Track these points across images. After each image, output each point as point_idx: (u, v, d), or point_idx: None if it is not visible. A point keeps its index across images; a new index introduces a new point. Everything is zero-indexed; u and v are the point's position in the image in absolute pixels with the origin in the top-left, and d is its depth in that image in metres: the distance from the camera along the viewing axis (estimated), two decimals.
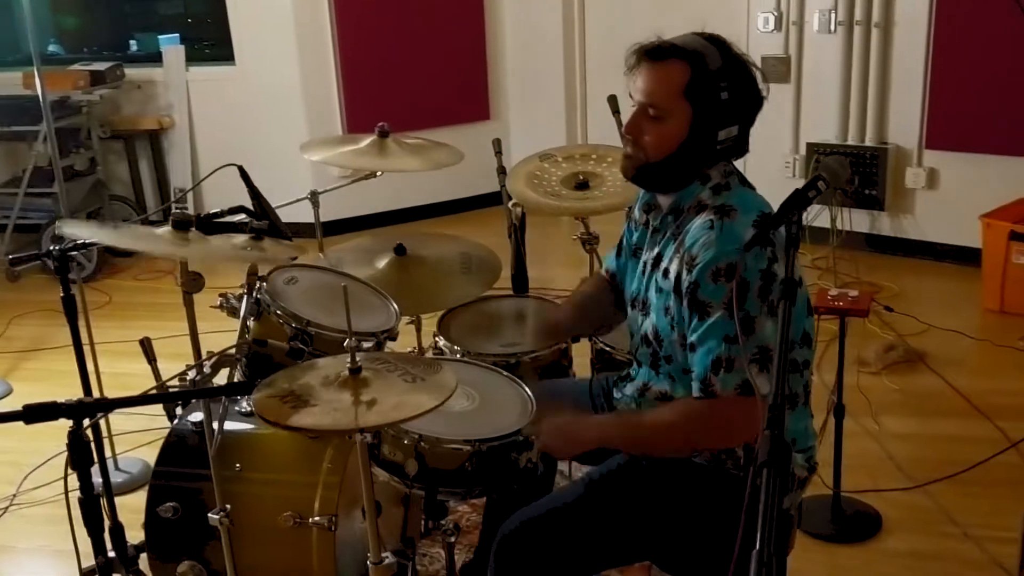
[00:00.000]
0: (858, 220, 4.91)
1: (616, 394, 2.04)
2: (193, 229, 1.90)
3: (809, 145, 4.96)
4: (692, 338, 1.70)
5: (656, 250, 1.84)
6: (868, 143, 4.84)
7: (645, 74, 1.75)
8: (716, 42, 1.75)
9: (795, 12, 4.91)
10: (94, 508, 1.66)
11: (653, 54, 1.74)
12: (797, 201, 1.54)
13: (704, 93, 1.71)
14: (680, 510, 1.79)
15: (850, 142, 4.88)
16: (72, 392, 1.84)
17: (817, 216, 4.89)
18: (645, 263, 1.88)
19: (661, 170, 1.79)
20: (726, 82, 1.71)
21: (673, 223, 1.81)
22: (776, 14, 4.96)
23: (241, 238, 2.03)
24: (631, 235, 2.02)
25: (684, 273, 1.70)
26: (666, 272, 1.77)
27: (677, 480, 1.80)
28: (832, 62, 4.85)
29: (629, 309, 1.95)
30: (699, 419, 1.71)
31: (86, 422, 1.58)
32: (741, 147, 1.81)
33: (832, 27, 4.82)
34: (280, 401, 1.61)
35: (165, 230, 1.92)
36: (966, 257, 4.65)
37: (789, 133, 5.07)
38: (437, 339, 2.50)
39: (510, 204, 2.74)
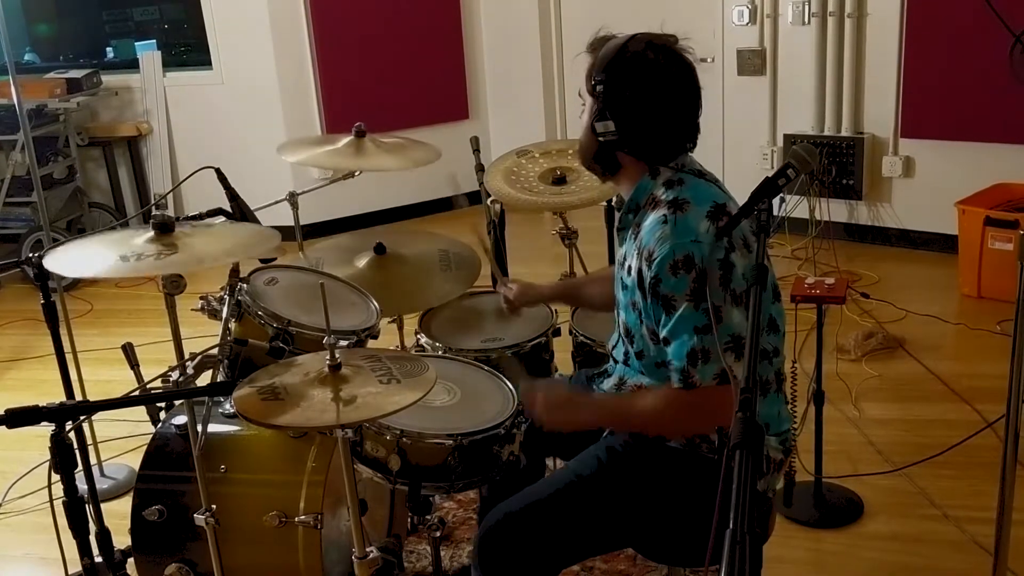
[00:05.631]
0: (836, 210, 4.96)
1: (594, 389, 2.06)
2: (176, 230, 1.90)
3: (786, 136, 5.00)
4: (664, 333, 1.73)
5: (622, 248, 1.88)
6: (844, 133, 4.88)
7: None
8: (631, 40, 1.76)
9: (769, 5, 4.96)
10: (79, 510, 1.67)
11: (589, 47, 1.82)
12: (767, 189, 1.56)
13: (592, 86, 1.78)
14: (657, 496, 1.82)
15: (826, 132, 4.92)
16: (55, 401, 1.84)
17: (796, 207, 4.93)
18: (619, 263, 1.91)
19: (582, 158, 1.89)
20: (603, 76, 1.75)
21: (632, 220, 1.85)
22: (750, 7, 5.00)
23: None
24: None
25: (644, 268, 1.73)
26: (629, 269, 1.81)
27: (653, 466, 1.83)
28: (807, 54, 4.89)
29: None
30: (683, 409, 1.74)
31: (68, 425, 1.58)
32: (659, 146, 1.80)
33: (806, 19, 4.86)
34: (260, 399, 1.62)
35: (147, 236, 1.92)
36: (943, 244, 4.71)
37: (766, 125, 5.11)
38: (419, 336, 2.52)
39: (489, 201, 2.76)
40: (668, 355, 1.73)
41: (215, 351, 2.03)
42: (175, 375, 1.88)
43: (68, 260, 1.89)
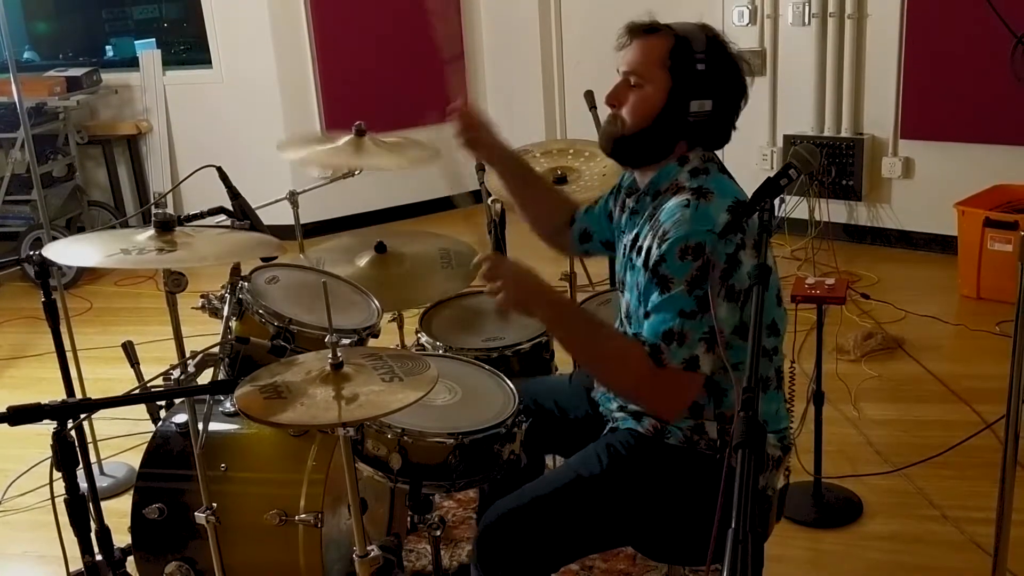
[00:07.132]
0: (836, 210, 4.96)
1: (593, 383, 2.07)
2: (177, 229, 1.90)
3: (786, 137, 5.01)
4: (648, 307, 1.73)
5: (634, 231, 1.86)
6: (844, 134, 4.88)
7: (632, 47, 1.81)
8: (705, 27, 1.80)
9: (769, 5, 4.96)
10: (80, 508, 1.67)
11: (642, 29, 1.81)
12: (770, 188, 1.57)
13: (682, 63, 1.76)
14: (657, 494, 1.82)
15: (826, 133, 4.92)
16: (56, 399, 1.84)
17: (795, 207, 4.94)
18: (625, 246, 1.90)
19: (636, 142, 1.82)
20: (704, 55, 1.75)
21: (651, 204, 1.84)
22: (750, 7, 5.00)
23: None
24: (612, 208, 2.04)
25: (655, 247, 1.73)
26: (639, 250, 1.81)
27: (653, 464, 1.83)
28: (807, 54, 4.90)
29: (619, 291, 1.99)
30: (646, 381, 1.72)
31: (70, 423, 1.58)
32: (718, 133, 1.82)
33: (806, 19, 4.86)
34: (263, 397, 1.62)
35: (148, 234, 1.92)
36: (942, 245, 4.71)
37: (766, 125, 5.11)
38: (419, 335, 2.52)
39: (489, 200, 2.76)
40: (644, 327, 1.72)
41: (216, 349, 2.03)
42: (176, 373, 1.88)
43: (69, 252, 1.89)
